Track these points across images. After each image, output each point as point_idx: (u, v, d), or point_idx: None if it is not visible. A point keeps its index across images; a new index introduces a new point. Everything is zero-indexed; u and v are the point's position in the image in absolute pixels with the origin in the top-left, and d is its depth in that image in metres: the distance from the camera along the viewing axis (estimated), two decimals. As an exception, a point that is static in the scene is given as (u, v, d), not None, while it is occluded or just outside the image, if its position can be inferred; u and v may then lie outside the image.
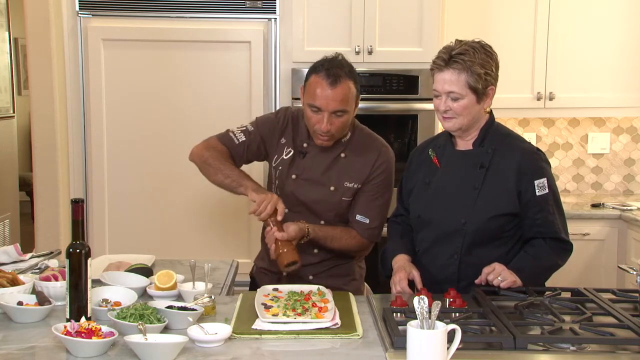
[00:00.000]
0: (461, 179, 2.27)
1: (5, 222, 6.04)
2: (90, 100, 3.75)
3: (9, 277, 2.15)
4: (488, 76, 2.20)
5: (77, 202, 1.90)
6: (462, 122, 2.23)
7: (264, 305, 2.02)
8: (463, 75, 2.17)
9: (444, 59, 2.21)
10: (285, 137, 2.57)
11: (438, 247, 2.30)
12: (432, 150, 2.39)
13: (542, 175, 2.22)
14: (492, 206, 2.22)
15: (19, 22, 5.29)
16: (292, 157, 2.54)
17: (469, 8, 3.93)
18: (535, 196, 2.21)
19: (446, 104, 2.21)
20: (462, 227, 2.23)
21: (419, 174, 2.40)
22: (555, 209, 2.24)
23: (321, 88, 2.37)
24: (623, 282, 3.58)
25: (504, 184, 2.22)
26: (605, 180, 4.40)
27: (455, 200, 2.26)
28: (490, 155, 2.25)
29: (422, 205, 2.34)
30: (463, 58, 2.18)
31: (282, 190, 2.54)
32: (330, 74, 2.37)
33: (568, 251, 2.27)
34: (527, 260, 2.23)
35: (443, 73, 2.20)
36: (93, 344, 1.70)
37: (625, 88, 4.01)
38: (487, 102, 2.25)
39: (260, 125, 2.61)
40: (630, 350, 1.75)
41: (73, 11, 3.73)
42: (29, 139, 4.86)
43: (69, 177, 3.82)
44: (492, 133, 2.28)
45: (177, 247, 3.68)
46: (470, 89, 2.18)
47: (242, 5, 3.76)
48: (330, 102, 2.36)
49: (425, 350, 1.57)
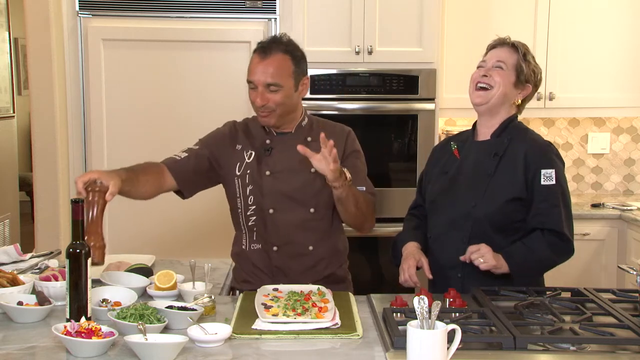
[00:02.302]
0: (476, 166, 2.34)
1: (5, 222, 6.04)
2: (90, 100, 3.75)
3: (9, 277, 2.15)
4: (533, 73, 2.35)
5: (77, 202, 1.90)
6: (492, 94, 2.32)
7: (264, 305, 2.01)
8: (517, 54, 2.33)
9: (506, 39, 2.38)
10: (240, 142, 2.48)
11: (448, 233, 2.33)
12: (454, 143, 2.47)
13: (550, 166, 2.26)
14: (501, 192, 2.26)
15: (19, 22, 5.30)
16: (257, 157, 2.45)
17: (469, 8, 3.94)
18: (540, 185, 2.24)
19: (488, 71, 2.33)
20: (471, 210, 2.27)
21: (438, 165, 2.47)
22: (561, 203, 2.24)
23: (254, 62, 2.38)
24: (623, 282, 3.58)
25: (513, 171, 2.27)
26: (605, 180, 4.40)
27: (469, 185, 2.32)
28: (506, 145, 2.32)
29: (437, 191, 2.41)
30: (525, 45, 2.37)
31: (260, 192, 2.42)
32: (264, 49, 2.38)
33: (567, 250, 2.26)
34: (520, 248, 2.23)
35: (500, 48, 2.36)
36: (93, 344, 1.70)
37: (625, 88, 4.02)
38: (520, 94, 2.36)
39: (206, 141, 2.51)
40: (630, 350, 1.75)
41: (73, 11, 3.73)
42: (29, 139, 4.86)
43: (69, 177, 3.82)
44: (511, 127, 2.36)
45: (177, 247, 3.69)
46: (515, 69, 2.32)
47: (242, 5, 3.76)
48: (261, 74, 2.34)
49: (425, 350, 1.57)
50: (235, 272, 2.56)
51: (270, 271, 2.44)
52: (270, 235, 2.43)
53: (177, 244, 3.73)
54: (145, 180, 2.32)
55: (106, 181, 2.10)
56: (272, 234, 2.42)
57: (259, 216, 2.43)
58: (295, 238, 2.43)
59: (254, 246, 2.46)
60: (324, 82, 3.69)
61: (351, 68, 3.71)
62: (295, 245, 2.43)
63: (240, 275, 2.51)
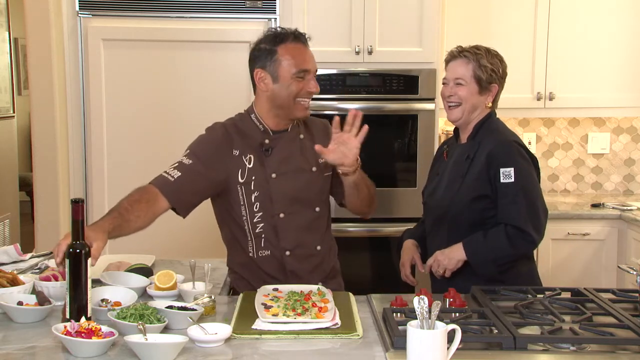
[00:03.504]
0: (454, 167, 2.48)
1: (5, 222, 6.04)
2: (90, 100, 3.75)
3: (9, 277, 2.15)
4: (494, 73, 2.43)
5: (77, 202, 1.90)
6: (463, 109, 2.44)
7: (264, 305, 2.01)
8: (471, 64, 2.43)
9: (457, 51, 2.47)
10: (236, 147, 2.33)
11: (435, 232, 2.51)
12: (446, 146, 2.63)
13: (509, 164, 2.34)
14: (470, 190, 2.39)
15: (19, 22, 5.30)
16: (258, 160, 2.33)
17: (469, 8, 3.94)
18: (500, 183, 2.34)
19: (452, 90, 2.46)
20: (447, 210, 2.43)
21: (434, 167, 2.65)
22: (522, 199, 2.32)
23: (301, 50, 2.32)
24: (623, 282, 3.58)
25: (479, 171, 2.38)
26: (605, 180, 4.40)
27: (447, 187, 2.47)
28: (476, 148, 2.43)
29: (427, 193, 2.60)
30: (475, 51, 2.44)
31: (268, 197, 2.33)
32: (302, 38, 2.34)
33: (528, 242, 2.33)
34: (479, 236, 2.34)
35: (454, 62, 2.47)
36: (93, 344, 1.70)
37: (625, 88, 4.02)
38: (488, 98, 2.46)
39: (198, 153, 2.31)
40: (630, 350, 1.75)
41: (73, 11, 3.73)
42: (29, 139, 4.86)
43: (69, 177, 3.82)
44: (484, 129, 2.46)
45: (177, 247, 3.68)
46: (474, 78, 2.42)
47: (242, 5, 3.76)
48: (313, 62, 2.35)
49: (425, 350, 1.57)
50: (237, 282, 2.45)
51: (285, 276, 2.36)
52: (281, 241, 2.35)
53: (177, 244, 3.72)
54: (135, 217, 2.14)
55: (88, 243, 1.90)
56: (283, 239, 2.35)
57: (268, 222, 2.35)
58: (305, 240, 2.38)
59: (263, 253, 2.37)
60: (324, 82, 3.69)
61: (351, 68, 3.71)
62: (305, 247, 2.38)
63: (245, 285, 2.39)
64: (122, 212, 2.12)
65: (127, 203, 2.16)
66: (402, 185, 3.76)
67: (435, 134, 3.75)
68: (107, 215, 2.10)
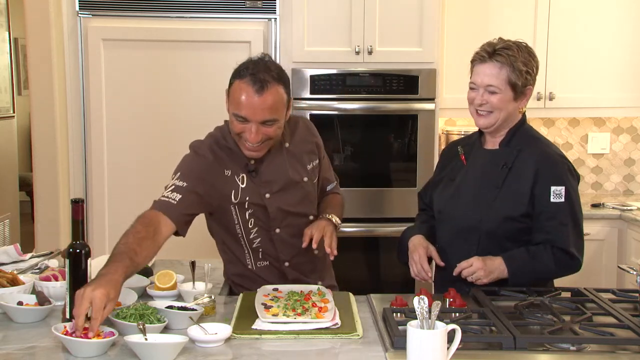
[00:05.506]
0: (484, 177, 2.25)
1: (5, 222, 6.04)
2: (90, 100, 3.75)
3: (9, 277, 2.15)
4: (529, 75, 2.19)
5: (77, 202, 1.90)
6: (496, 117, 2.21)
7: (264, 305, 2.01)
8: (505, 69, 2.16)
9: (488, 52, 2.19)
10: (228, 167, 2.26)
11: (455, 244, 2.28)
12: (461, 147, 2.38)
13: (560, 183, 2.17)
14: (508, 207, 2.19)
15: (19, 22, 5.30)
16: (250, 179, 2.26)
17: (469, 8, 3.93)
18: (549, 202, 2.16)
19: (483, 97, 2.20)
20: (478, 224, 2.21)
21: (446, 169, 2.40)
22: (570, 221, 2.17)
23: (247, 95, 2.10)
24: (623, 282, 3.58)
25: (521, 185, 2.19)
26: (605, 180, 4.40)
27: (476, 198, 2.24)
28: (515, 156, 2.22)
29: (444, 200, 2.34)
30: (507, 52, 2.17)
31: (264, 215, 2.29)
32: (256, 80, 2.10)
33: (573, 267, 2.20)
34: (523, 254, 2.17)
35: (484, 65, 2.19)
36: (93, 344, 1.70)
37: (625, 88, 4.02)
38: (523, 102, 2.24)
39: (191, 176, 2.22)
40: (630, 350, 1.75)
41: (73, 11, 3.73)
42: (29, 139, 4.86)
43: (69, 177, 3.82)
44: (520, 134, 2.26)
45: (177, 247, 3.67)
46: (509, 85, 2.17)
47: (242, 5, 3.76)
48: (258, 111, 2.10)
49: (425, 350, 1.57)
50: (237, 288, 2.41)
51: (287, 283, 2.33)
52: (279, 253, 2.35)
53: (177, 244, 3.71)
54: (144, 258, 2.00)
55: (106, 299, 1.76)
56: (281, 251, 2.35)
57: (264, 237, 2.33)
58: (302, 248, 2.34)
59: (261, 263, 2.37)
60: (324, 82, 3.69)
61: (351, 68, 3.71)
62: (304, 255, 2.37)
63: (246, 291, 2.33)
64: (132, 257, 1.93)
65: (134, 243, 1.98)
66: (402, 186, 3.76)
67: (435, 134, 3.75)
68: (118, 262, 1.88)
